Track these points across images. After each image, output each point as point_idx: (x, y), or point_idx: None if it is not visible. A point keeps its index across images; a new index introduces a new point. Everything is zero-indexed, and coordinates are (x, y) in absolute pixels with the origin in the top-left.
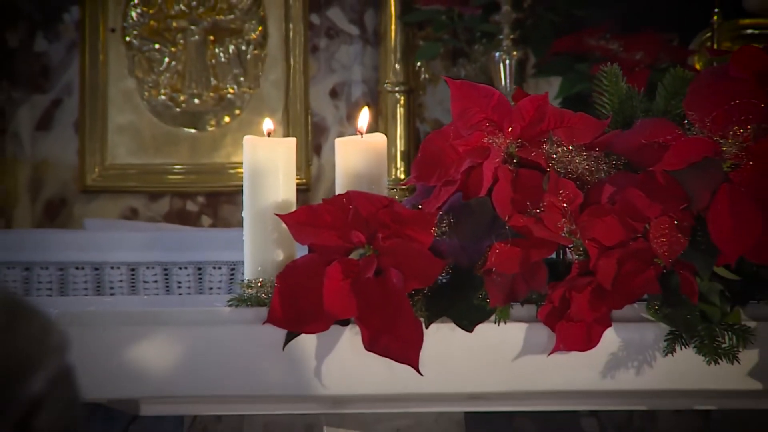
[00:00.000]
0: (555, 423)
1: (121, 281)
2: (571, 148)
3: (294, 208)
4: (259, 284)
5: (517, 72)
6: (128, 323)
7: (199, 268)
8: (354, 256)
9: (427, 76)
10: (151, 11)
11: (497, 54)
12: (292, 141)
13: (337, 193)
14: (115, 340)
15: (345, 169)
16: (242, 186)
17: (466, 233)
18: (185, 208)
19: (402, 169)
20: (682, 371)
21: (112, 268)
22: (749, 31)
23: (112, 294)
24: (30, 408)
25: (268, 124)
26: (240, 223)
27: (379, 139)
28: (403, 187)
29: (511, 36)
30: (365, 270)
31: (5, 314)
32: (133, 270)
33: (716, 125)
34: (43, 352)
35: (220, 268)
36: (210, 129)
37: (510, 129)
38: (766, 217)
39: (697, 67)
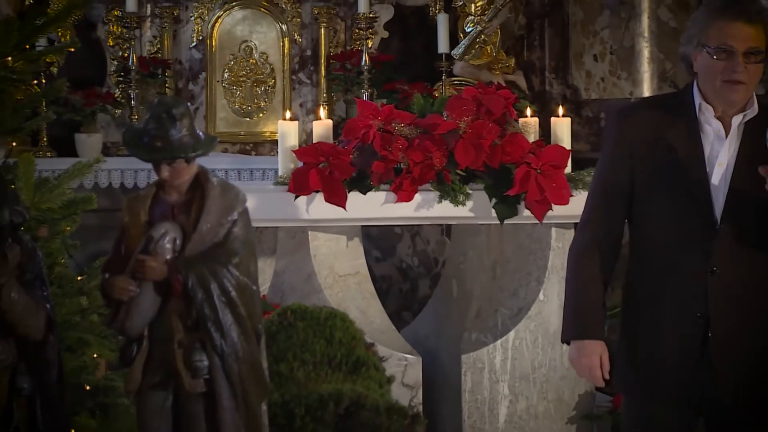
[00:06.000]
0: (385, 231)
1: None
2: (402, 125)
3: (297, 148)
4: (285, 177)
5: (370, 97)
6: None
7: (251, 171)
8: (321, 166)
9: (335, 98)
10: (232, 73)
11: (362, 90)
12: (296, 123)
13: (313, 142)
14: None
15: (317, 133)
16: (268, 140)
17: (364, 157)
18: (245, 148)
19: None
20: (443, 210)
21: (217, 171)
22: (456, 82)
23: None
24: (232, 224)
25: (287, 114)
26: (268, 153)
27: (329, 121)
28: (339, 140)
29: (367, 83)
30: (325, 172)
31: (219, 186)
32: (226, 172)
33: (457, 116)
34: (237, 201)
35: (260, 171)
36: (255, 119)
37: (379, 117)
38: (475, 151)
39: (437, 95)
